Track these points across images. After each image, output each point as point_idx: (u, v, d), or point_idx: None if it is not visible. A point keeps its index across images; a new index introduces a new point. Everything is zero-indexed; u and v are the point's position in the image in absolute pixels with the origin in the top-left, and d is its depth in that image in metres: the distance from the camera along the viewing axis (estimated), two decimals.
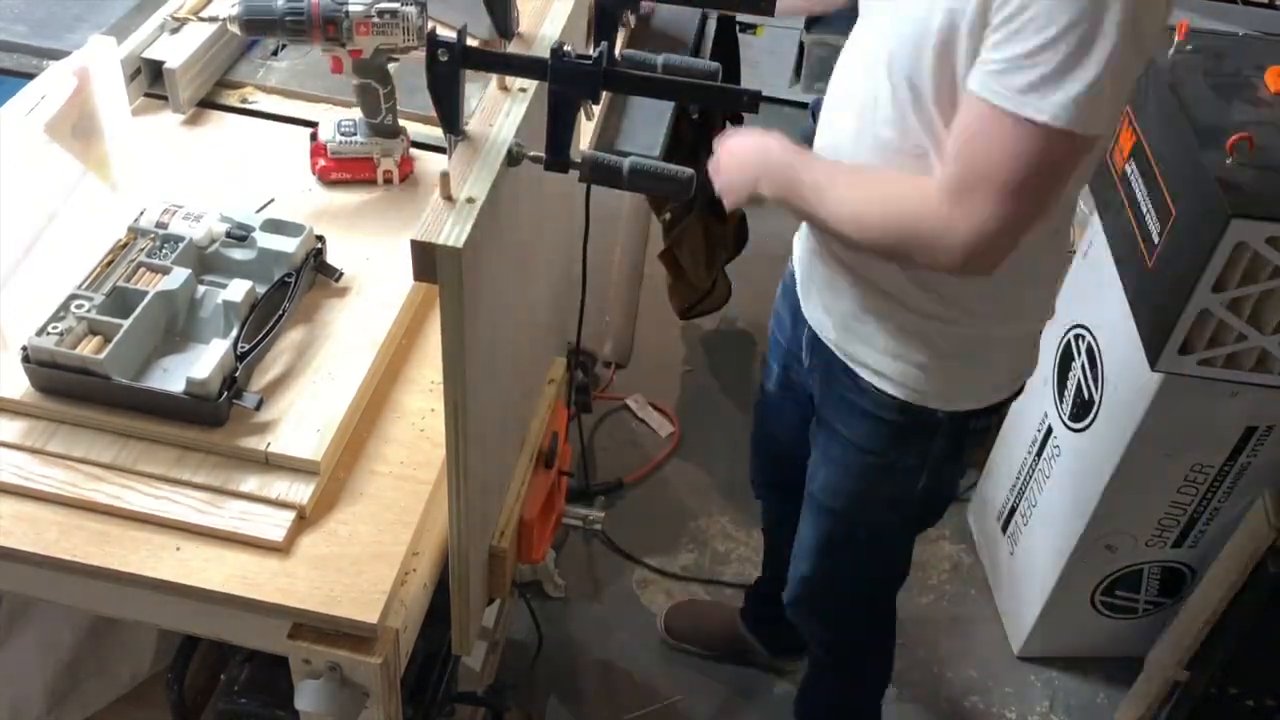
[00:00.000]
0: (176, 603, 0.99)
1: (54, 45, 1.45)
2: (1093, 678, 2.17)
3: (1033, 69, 0.97)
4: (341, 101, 1.48)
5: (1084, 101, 0.97)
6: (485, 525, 1.10)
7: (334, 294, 1.21)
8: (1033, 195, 1.03)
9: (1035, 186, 1.02)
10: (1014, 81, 0.98)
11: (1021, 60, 0.97)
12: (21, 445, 1.04)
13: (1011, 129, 0.99)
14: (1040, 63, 0.96)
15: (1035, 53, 0.96)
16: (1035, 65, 0.97)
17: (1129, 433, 1.76)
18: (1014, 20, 0.97)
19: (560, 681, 2.05)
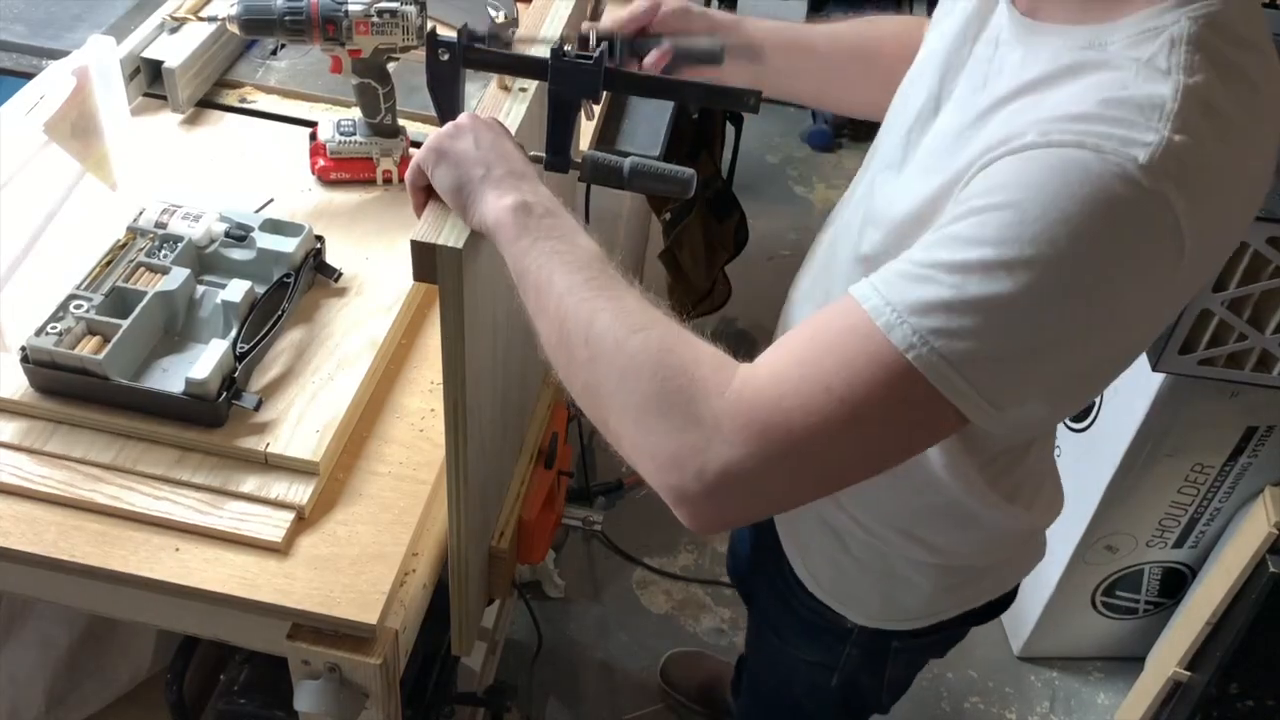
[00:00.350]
0: (176, 603, 0.98)
1: (53, 45, 1.45)
2: (1093, 678, 2.17)
3: (931, 283, 0.68)
4: (341, 101, 1.48)
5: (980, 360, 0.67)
6: (485, 526, 1.10)
7: (333, 294, 1.21)
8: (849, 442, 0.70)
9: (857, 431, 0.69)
10: (901, 290, 0.69)
11: (926, 268, 0.69)
12: (20, 445, 1.04)
13: (859, 344, 0.69)
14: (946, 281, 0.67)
15: (951, 268, 0.67)
16: (939, 280, 0.67)
17: (1129, 433, 1.76)
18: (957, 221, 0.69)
19: (560, 681, 2.05)
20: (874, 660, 1.21)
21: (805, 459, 0.70)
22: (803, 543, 1.17)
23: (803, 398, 0.69)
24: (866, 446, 0.71)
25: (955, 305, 0.67)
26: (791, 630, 1.25)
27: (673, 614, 2.20)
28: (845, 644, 1.19)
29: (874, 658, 1.20)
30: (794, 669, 1.29)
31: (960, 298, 0.66)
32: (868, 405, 0.69)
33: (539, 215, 0.80)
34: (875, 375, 0.68)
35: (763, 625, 1.34)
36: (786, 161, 3.41)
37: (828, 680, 1.24)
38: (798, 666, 1.28)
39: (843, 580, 1.14)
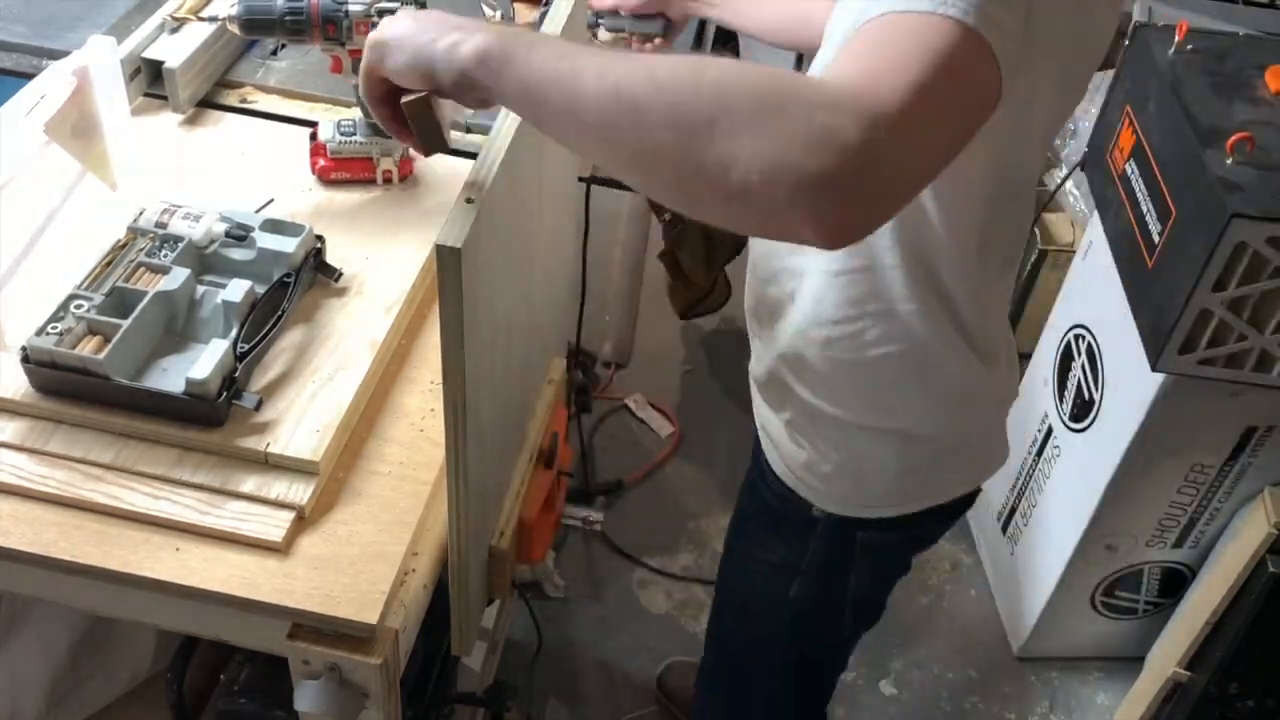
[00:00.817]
0: (176, 603, 0.98)
1: (54, 45, 1.45)
2: (1092, 678, 2.17)
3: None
4: (341, 101, 1.48)
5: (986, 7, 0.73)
6: (485, 525, 1.10)
7: (334, 294, 1.21)
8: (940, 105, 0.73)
9: (943, 93, 0.73)
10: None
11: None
12: (21, 445, 1.04)
13: (916, 24, 0.73)
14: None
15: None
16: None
17: (1129, 433, 1.76)
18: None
19: (560, 681, 2.05)
20: (838, 561, 1.20)
21: (918, 123, 0.71)
22: (775, 426, 1.18)
23: (898, 70, 0.71)
24: (951, 110, 0.75)
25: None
26: (759, 525, 1.25)
27: (673, 614, 2.20)
28: (809, 536, 1.18)
29: (838, 557, 1.20)
30: (755, 574, 1.28)
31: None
32: (947, 67, 0.72)
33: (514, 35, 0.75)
34: (946, 40, 0.72)
35: (733, 531, 1.34)
36: None
37: (787, 588, 1.22)
38: (760, 570, 1.26)
39: (811, 462, 1.15)
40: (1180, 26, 1.71)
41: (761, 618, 1.32)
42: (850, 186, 0.68)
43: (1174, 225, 1.58)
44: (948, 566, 2.33)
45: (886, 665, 2.15)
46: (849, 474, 1.15)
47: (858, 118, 0.67)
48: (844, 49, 0.75)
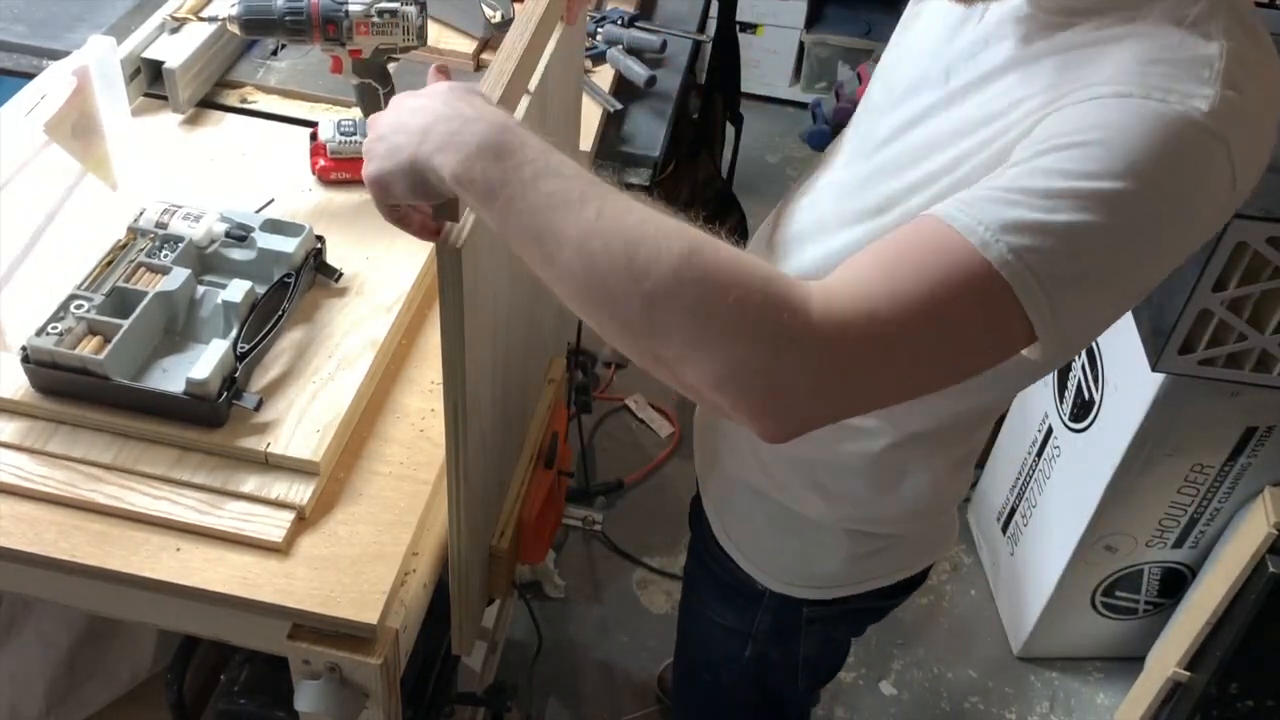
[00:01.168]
0: (176, 603, 0.98)
1: (54, 45, 1.45)
2: (1093, 678, 2.17)
3: (1021, 207, 0.71)
4: (341, 101, 1.48)
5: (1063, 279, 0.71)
6: (485, 525, 1.10)
7: (334, 294, 1.21)
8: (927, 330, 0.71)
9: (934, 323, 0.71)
10: (991, 212, 0.72)
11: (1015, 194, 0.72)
12: (21, 445, 1.04)
13: (943, 242, 0.72)
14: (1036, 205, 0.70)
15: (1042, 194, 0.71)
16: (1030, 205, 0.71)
17: (1129, 433, 1.76)
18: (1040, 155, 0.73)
19: (560, 682, 2.05)
20: (786, 631, 1.20)
21: (896, 367, 0.72)
22: (722, 500, 1.18)
23: (896, 311, 0.70)
24: (951, 357, 0.74)
25: (1047, 227, 0.70)
26: (709, 590, 1.26)
27: (673, 614, 2.20)
28: (758, 609, 1.19)
29: (786, 628, 1.20)
30: (711, 634, 1.29)
31: (1052, 220, 0.70)
32: (959, 317, 0.72)
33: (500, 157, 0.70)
34: (968, 287, 0.71)
35: (687, 586, 1.35)
36: (786, 161, 3.41)
37: (742, 650, 1.24)
38: (715, 632, 1.27)
39: (757, 540, 1.16)
40: None
41: (720, 670, 1.33)
42: (788, 416, 0.70)
43: None
44: (948, 566, 2.33)
45: (886, 665, 2.15)
46: (792, 555, 1.15)
47: (824, 358, 0.69)
48: (861, 256, 0.74)
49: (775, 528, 1.13)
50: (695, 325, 0.68)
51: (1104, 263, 0.73)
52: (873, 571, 1.16)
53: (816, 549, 1.13)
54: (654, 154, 1.50)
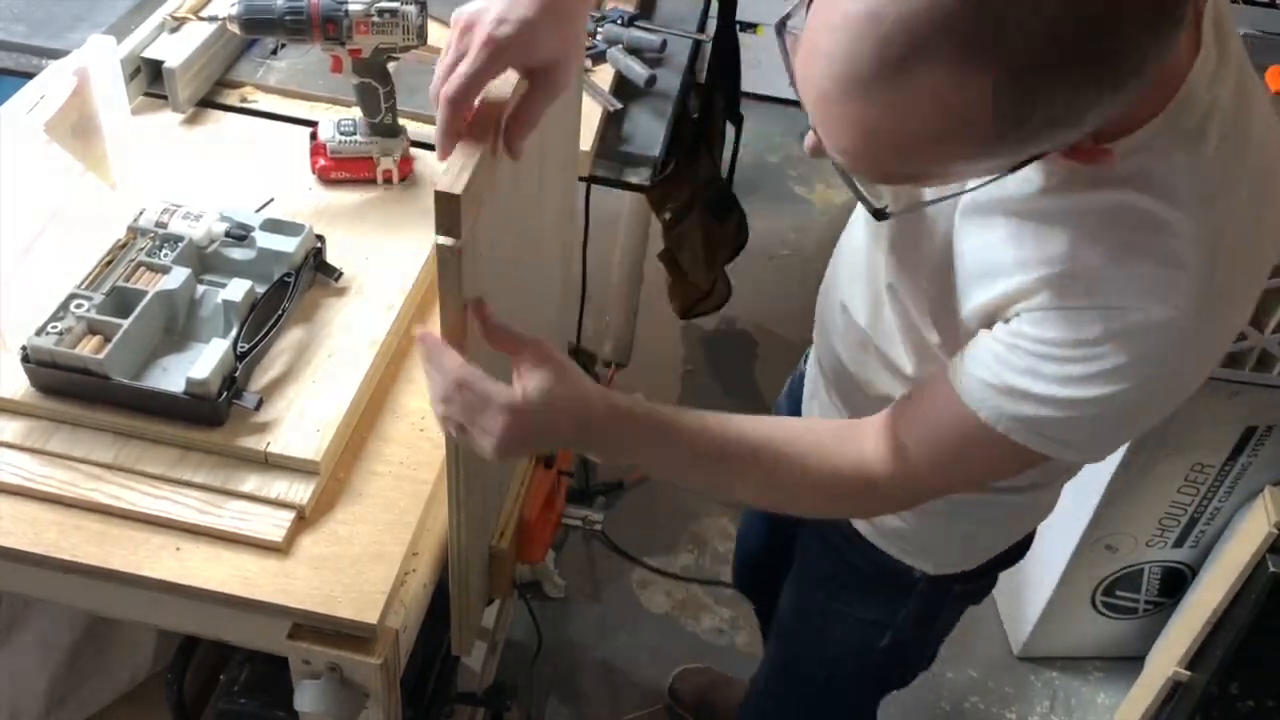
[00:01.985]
0: (176, 603, 0.98)
1: (54, 45, 1.45)
2: (1093, 678, 2.17)
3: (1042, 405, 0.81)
4: (342, 101, 1.48)
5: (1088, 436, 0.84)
6: (485, 525, 1.10)
7: (334, 294, 1.21)
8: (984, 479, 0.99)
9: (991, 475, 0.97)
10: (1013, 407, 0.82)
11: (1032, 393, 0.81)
12: (21, 445, 1.04)
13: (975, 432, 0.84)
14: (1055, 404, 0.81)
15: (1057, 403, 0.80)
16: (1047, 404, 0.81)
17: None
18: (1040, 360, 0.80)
19: (560, 681, 2.05)
20: (931, 612, 1.24)
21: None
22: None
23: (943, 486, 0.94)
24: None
25: (1066, 422, 0.81)
26: (846, 588, 1.25)
27: (673, 614, 2.20)
28: (909, 596, 1.20)
29: (932, 608, 1.23)
30: (839, 631, 1.29)
31: (1069, 417, 0.81)
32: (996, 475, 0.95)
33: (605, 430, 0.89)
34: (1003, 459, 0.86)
35: (809, 587, 1.33)
36: (786, 161, 3.41)
37: (877, 640, 1.25)
38: (845, 627, 1.27)
39: (922, 533, 1.16)
40: None
41: (839, 665, 1.33)
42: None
43: None
44: None
45: None
46: (963, 539, 1.17)
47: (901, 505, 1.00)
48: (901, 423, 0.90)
49: (949, 521, 1.13)
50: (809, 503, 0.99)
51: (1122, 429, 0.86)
52: (1017, 527, 1.21)
53: (979, 525, 1.16)
54: (654, 154, 1.50)
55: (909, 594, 1.20)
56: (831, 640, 1.32)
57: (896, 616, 1.23)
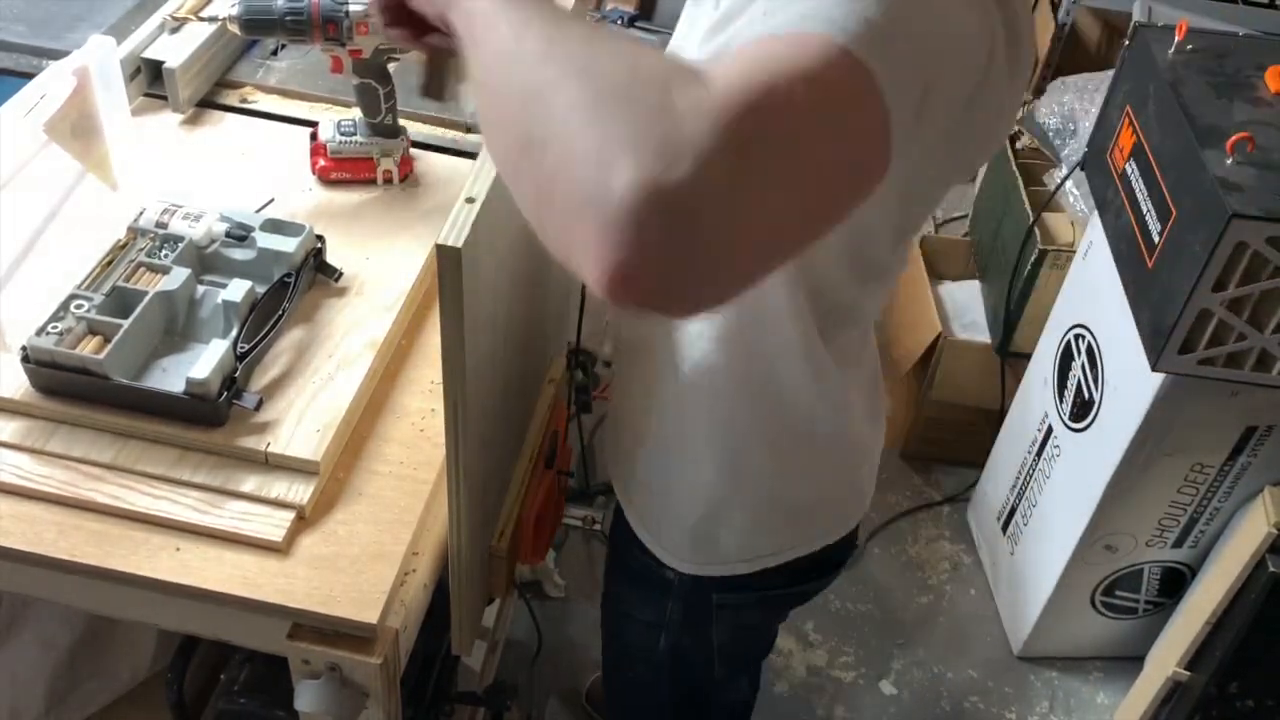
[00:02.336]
0: (176, 603, 0.98)
1: (54, 45, 1.45)
2: (1093, 678, 2.17)
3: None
4: (341, 101, 1.48)
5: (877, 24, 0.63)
6: (485, 525, 1.10)
7: (334, 294, 1.21)
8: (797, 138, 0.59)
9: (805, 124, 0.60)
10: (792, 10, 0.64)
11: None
12: (21, 445, 1.04)
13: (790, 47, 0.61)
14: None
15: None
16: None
17: (1129, 433, 1.76)
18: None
19: (560, 681, 2.05)
20: (698, 619, 1.21)
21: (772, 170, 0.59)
22: (629, 481, 1.19)
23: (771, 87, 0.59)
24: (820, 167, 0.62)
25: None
26: (623, 585, 1.28)
27: None
28: (668, 598, 1.19)
29: (697, 615, 1.21)
30: (627, 629, 1.31)
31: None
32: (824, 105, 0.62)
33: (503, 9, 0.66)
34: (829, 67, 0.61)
35: (606, 580, 1.36)
36: None
37: (656, 641, 1.25)
38: (631, 627, 1.29)
39: (664, 518, 1.16)
40: (1180, 26, 1.71)
41: (640, 664, 1.34)
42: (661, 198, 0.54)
43: (1174, 225, 1.58)
44: (948, 566, 2.33)
45: (886, 665, 2.15)
46: (695, 533, 1.14)
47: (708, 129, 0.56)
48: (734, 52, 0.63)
49: (681, 504, 1.13)
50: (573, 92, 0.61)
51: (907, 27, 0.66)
52: (780, 543, 1.14)
53: (721, 524, 1.12)
54: None
55: (668, 594, 1.19)
56: (621, 636, 1.35)
57: (665, 617, 1.22)
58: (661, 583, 1.19)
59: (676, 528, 1.15)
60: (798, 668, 2.12)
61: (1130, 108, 1.74)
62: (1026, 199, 2.23)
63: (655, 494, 1.16)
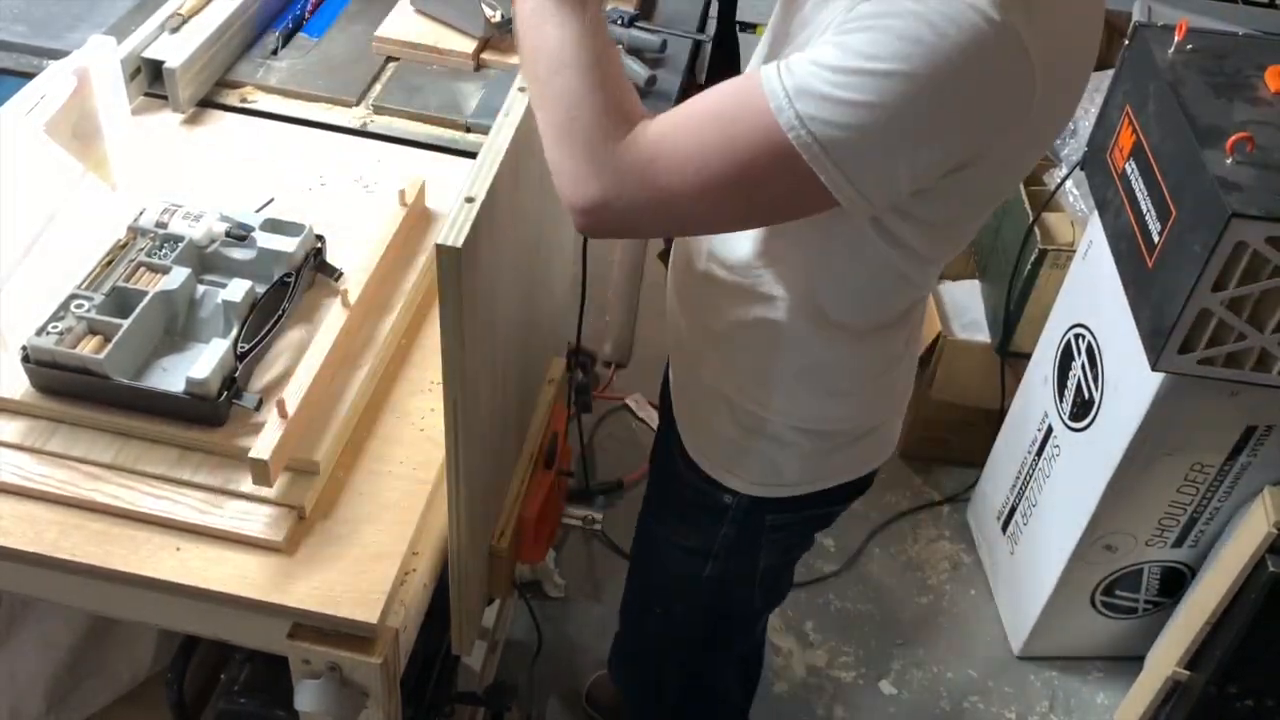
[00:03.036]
0: (176, 603, 0.99)
1: (54, 45, 1.45)
2: (1093, 678, 2.17)
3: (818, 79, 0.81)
4: (341, 101, 1.48)
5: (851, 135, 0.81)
6: (485, 525, 1.10)
7: (334, 294, 1.20)
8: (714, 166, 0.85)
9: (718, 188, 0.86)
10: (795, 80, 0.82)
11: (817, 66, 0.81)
12: (21, 445, 1.04)
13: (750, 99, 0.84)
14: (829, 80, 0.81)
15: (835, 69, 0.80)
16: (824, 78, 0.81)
17: (1129, 432, 1.76)
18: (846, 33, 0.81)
19: (560, 681, 2.05)
20: (748, 542, 1.26)
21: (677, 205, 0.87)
22: (692, 412, 1.23)
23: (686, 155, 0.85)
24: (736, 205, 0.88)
25: (832, 100, 0.80)
26: (671, 511, 1.31)
27: None
28: (721, 522, 1.24)
29: (748, 538, 1.26)
30: (669, 558, 1.33)
31: (838, 95, 0.80)
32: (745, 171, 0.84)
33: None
34: (757, 145, 0.83)
35: (647, 518, 1.39)
36: None
37: (701, 569, 1.29)
38: (673, 554, 1.32)
39: (728, 448, 1.20)
40: (1180, 26, 1.71)
41: (676, 597, 1.37)
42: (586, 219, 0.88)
43: (1174, 225, 1.58)
44: (948, 566, 2.33)
45: (886, 665, 2.15)
46: (762, 458, 1.19)
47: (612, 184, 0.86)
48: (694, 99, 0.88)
49: (741, 429, 1.18)
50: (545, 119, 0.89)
51: (880, 138, 0.81)
52: (836, 469, 1.23)
53: (778, 449, 1.18)
54: None
55: (721, 518, 1.24)
56: (662, 569, 1.37)
57: (714, 544, 1.26)
58: (717, 508, 1.23)
59: (739, 454, 1.20)
60: (797, 668, 2.11)
61: (1130, 107, 1.74)
62: (1026, 198, 2.23)
63: (722, 429, 1.19)
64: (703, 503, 1.24)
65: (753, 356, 1.13)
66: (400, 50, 1.55)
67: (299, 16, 1.60)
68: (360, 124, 1.46)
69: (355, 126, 1.46)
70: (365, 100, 1.49)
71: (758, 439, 1.18)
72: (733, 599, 1.36)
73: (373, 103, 1.48)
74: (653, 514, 1.38)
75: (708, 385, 1.19)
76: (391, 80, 1.52)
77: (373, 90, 1.51)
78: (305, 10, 1.61)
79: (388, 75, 1.53)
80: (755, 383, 1.15)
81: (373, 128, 1.46)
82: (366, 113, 1.48)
